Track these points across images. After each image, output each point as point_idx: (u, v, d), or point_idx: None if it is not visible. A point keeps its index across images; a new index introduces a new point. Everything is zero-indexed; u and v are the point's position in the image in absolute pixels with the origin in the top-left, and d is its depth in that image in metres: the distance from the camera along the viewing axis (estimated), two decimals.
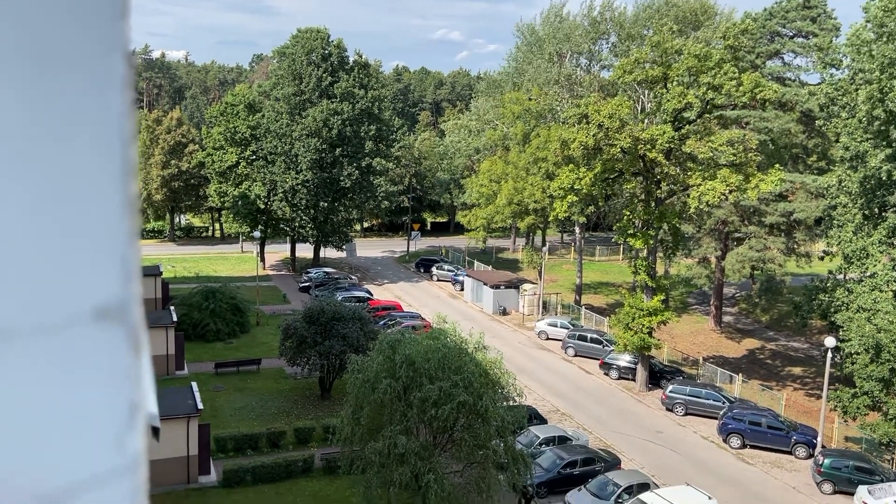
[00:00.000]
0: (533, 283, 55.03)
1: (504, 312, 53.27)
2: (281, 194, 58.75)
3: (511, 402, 24.37)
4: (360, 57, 61.57)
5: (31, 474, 0.71)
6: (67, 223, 0.72)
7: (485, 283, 54.45)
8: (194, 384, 29.88)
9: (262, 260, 63.22)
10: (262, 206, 60.90)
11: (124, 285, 0.75)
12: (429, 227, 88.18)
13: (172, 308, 40.67)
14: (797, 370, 44.92)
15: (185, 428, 27.19)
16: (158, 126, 72.33)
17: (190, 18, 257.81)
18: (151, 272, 45.52)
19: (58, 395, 0.73)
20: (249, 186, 60.59)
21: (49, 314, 0.71)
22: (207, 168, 65.05)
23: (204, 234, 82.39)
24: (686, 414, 36.53)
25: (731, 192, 34.88)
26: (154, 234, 78.56)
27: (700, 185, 34.89)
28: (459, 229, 78.57)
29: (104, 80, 0.73)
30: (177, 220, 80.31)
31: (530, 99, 56.40)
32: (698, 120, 36.55)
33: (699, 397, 36.67)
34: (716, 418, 35.09)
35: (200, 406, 27.86)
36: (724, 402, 35.98)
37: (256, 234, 58.78)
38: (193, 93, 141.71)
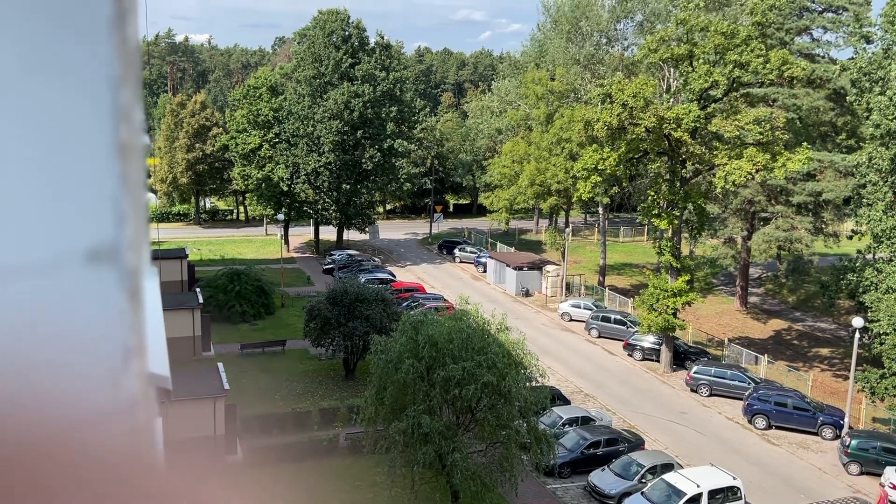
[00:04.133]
0: (556, 265, 54.86)
1: (527, 294, 53.20)
2: (304, 177, 58.97)
3: (534, 383, 24.39)
4: (382, 38, 61.36)
5: (29, 412, 0.72)
6: (57, 166, 0.73)
7: (507, 265, 54.39)
8: (220, 365, 30.24)
9: (287, 242, 63.61)
10: (286, 189, 61.18)
11: (116, 229, 0.76)
12: (451, 209, 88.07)
13: (198, 290, 41.08)
14: (824, 351, 44.45)
15: (212, 408, 27.55)
16: (182, 110, 72.77)
17: (213, 1, 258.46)
18: (177, 255, 45.92)
19: (52, 334, 0.74)
20: (273, 169, 60.86)
21: (41, 254, 0.72)
22: (231, 151, 65.42)
23: (229, 216, 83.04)
24: (711, 395, 36.34)
25: (757, 171, 34.42)
26: (180, 217, 79.33)
27: (726, 164, 34.46)
28: (482, 211, 78.44)
29: (90, 22, 0.73)
30: (202, 203, 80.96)
31: (552, 79, 55.92)
32: (724, 98, 36.03)
33: (724, 378, 36.45)
34: (741, 399, 34.87)
35: (227, 386, 28.19)
36: (749, 383, 35.73)
37: (280, 216, 59.10)
38: (217, 76, 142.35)
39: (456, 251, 63.68)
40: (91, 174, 0.75)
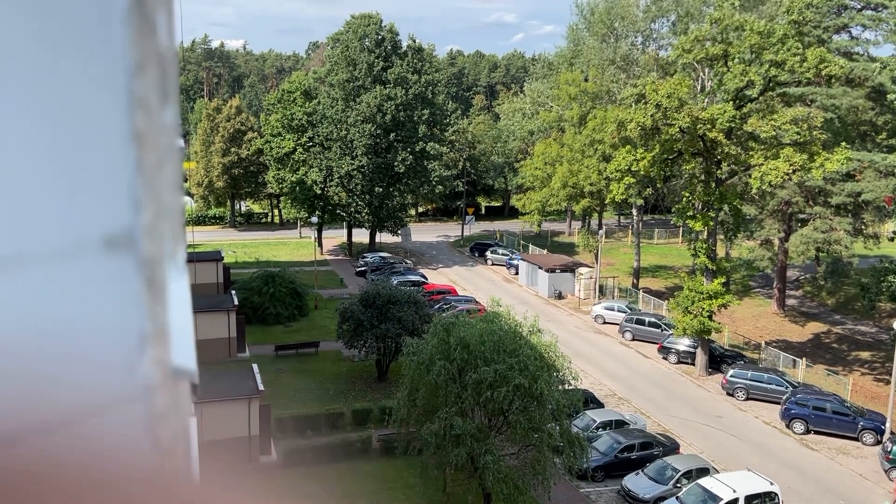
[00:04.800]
0: (589, 267, 54.52)
1: (560, 296, 52.95)
2: (337, 180, 59.43)
3: (566, 386, 24.26)
4: (414, 41, 61.61)
5: (44, 397, 0.72)
6: (71, 152, 0.73)
7: (540, 267, 54.19)
8: (255, 366, 30.62)
9: (320, 245, 64.15)
10: (319, 192, 61.71)
11: (133, 216, 0.76)
12: (483, 212, 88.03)
13: (234, 292, 41.65)
14: (865, 354, 43.50)
15: (247, 408, 27.91)
16: (218, 114, 73.82)
17: (249, 7, 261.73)
18: (213, 257, 46.63)
19: (68, 320, 0.74)
20: (306, 172, 61.43)
21: (58, 241, 0.72)
22: (266, 155, 66.20)
23: (263, 220, 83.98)
24: (747, 399, 35.80)
25: (794, 171, 33.84)
26: (216, 221, 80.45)
27: (762, 164, 33.96)
28: (514, 213, 78.24)
29: (105, 7, 0.72)
30: (237, 206, 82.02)
31: (586, 80, 55.62)
32: (760, 98, 35.50)
33: (761, 382, 35.88)
34: (778, 403, 34.30)
35: (261, 387, 28.53)
36: (787, 387, 35.13)
37: (314, 219, 59.62)
38: (251, 81, 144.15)
39: (488, 253, 63.63)
40: (106, 161, 0.75)
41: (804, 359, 39.70)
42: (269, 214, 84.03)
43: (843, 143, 35.44)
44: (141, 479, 0.75)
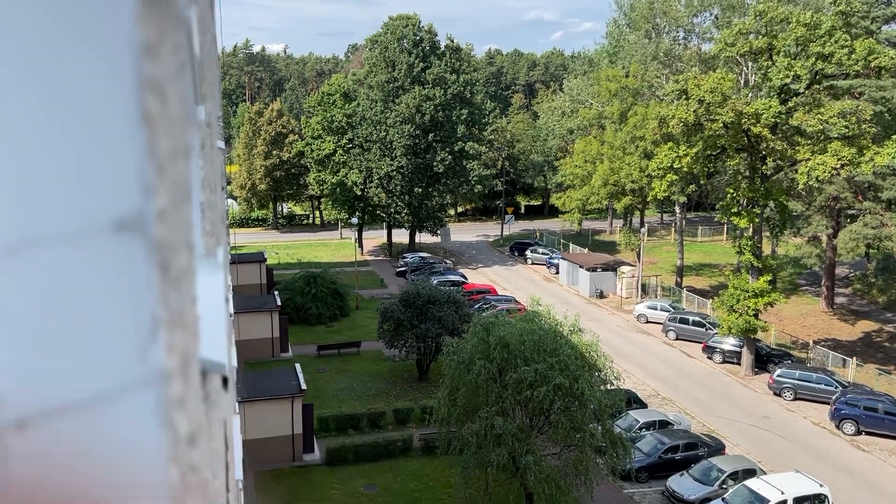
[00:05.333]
0: (631, 266, 53.91)
1: (601, 295, 52.46)
2: (377, 181, 59.76)
3: (608, 386, 24.02)
4: (452, 41, 61.63)
5: (58, 381, 0.71)
6: (79, 135, 0.71)
7: (581, 266, 53.75)
8: (298, 365, 30.97)
9: (360, 246, 64.58)
10: (359, 193, 62.15)
11: (143, 199, 0.75)
12: (522, 211, 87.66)
13: (276, 293, 42.17)
14: None
15: (290, 407, 28.24)
16: (260, 118, 74.80)
17: (290, 11, 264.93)
18: (256, 259, 47.38)
19: (80, 303, 0.73)
20: (346, 174, 61.91)
21: (67, 224, 0.71)
22: (307, 157, 66.89)
23: (305, 221, 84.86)
24: (795, 399, 35.03)
25: (843, 166, 33.02)
26: (259, 223, 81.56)
27: (809, 159, 33.19)
28: (554, 212, 77.75)
29: None
30: (279, 208, 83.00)
31: (627, 76, 55.01)
32: (806, 91, 34.70)
33: (809, 381, 35.07)
34: (827, 403, 33.49)
35: (304, 387, 28.85)
36: (836, 387, 34.28)
37: (354, 220, 60.04)
38: (292, 84, 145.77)
39: (528, 253, 63.35)
40: (112, 143, 0.73)
41: (854, 358, 38.69)
42: (311, 216, 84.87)
43: (894, 137, 34.43)
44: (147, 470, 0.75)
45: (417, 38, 60.02)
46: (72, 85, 0.70)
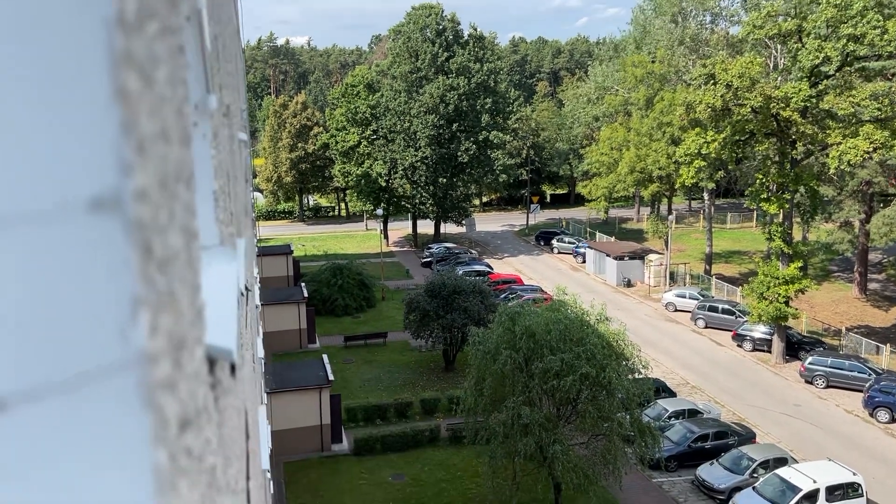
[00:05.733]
0: (659, 254, 53.42)
1: (629, 284, 52.07)
2: (401, 172, 59.79)
3: (636, 375, 23.84)
4: (475, 30, 61.34)
5: (38, 362, 0.70)
6: (52, 112, 0.69)
7: (608, 255, 53.37)
8: (325, 356, 31.17)
9: (386, 237, 64.75)
10: (384, 184, 62.24)
11: (120, 178, 0.73)
12: (548, 200, 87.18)
13: (303, 284, 42.45)
14: None
15: (318, 398, 28.45)
16: (285, 111, 75.16)
17: (313, 3, 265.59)
18: (283, 251, 47.71)
19: (57, 282, 0.71)
20: (371, 165, 62.03)
21: (42, 202, 0.70)
22: (331, 149, 67.12)
23: (331, 213, 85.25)
24: (827, 387, 34.52)
25: (875, 149, 32.36)
26: (285, 215, 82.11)
27: (840, 143, 32.57)
28: (580, 200, 77.29)
29: None
30: (305, 200, 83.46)
31: (653, 61, 54.35)
32: (837, 74, 34.01)
33: (842, 369, 34.53)
34: (861, 391, 32.97)
35: (332, 377, 29.03)
36: (870, 374, 33.72)
37: (379, 211, 60.20)
38: (316, 77, 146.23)
39: (554, 242, 63.02)
40: (87, 120, 0.71)
41: (888, 345, 38.00)
42: (337, 208, 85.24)
43: None
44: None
45: (440, 27, 59.81)
46: (42, 56, 0.67)
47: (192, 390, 0.95)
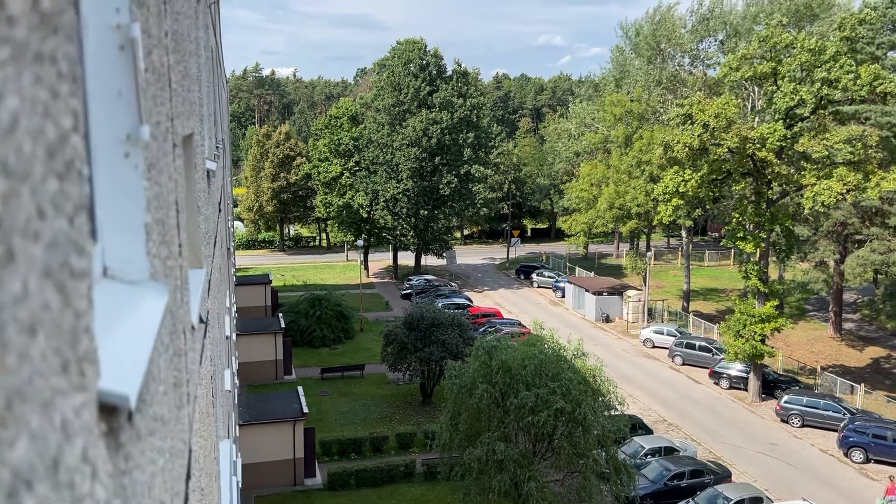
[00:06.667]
0: (637, 290, 53.67)
1: (607, 319, 52.19)
2: (382, 203, 59.89)
3: (613, 411, 23.77)
4: (459, 66, 62.05)
5: None
6: None
7: (587, 290, 53.55)
8: (300, 388, 30.81)
9: (366, 268, 64.58)
10: (365, 216, 62.27)
11: None
12: (529, 234, 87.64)
13: (281, 315, 42.12)
14: None
15: (292, 431, 28.05)
16: (268, 140, 75.26)
17: (299, 35, 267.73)
18: (261, 280, 47.40)
19: None
20: (353, 196, 62.09)
21: None
22: (314, 179, 67.15)
23: (312, 243, 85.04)
24: (803, 426, 34.60)
25: (848, 191, 32.86)
26: (265, 244, 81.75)
27: (815, 184, 33.08)
28: (560, 235, 77.72)
29: None
30: (286, 230, 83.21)
31: (632, 100, 55.17)
32: (812, 116, 34.67)
33: (817, 408, 34.65)
34: (836, 430, 33.06)
35: (306, 410, 28.67)
36: (844, 414, 33.86)
37: (359, 242, 60.20)
38: (301, 107, 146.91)
39: (534, 276, 63.18)
40: None
41: (863, 384, 38.24)
42: (318, 238, 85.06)
43: None
44: None
45: (424, 62, 60.44)
46: None
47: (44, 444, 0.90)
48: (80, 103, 1.16)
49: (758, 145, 33.82)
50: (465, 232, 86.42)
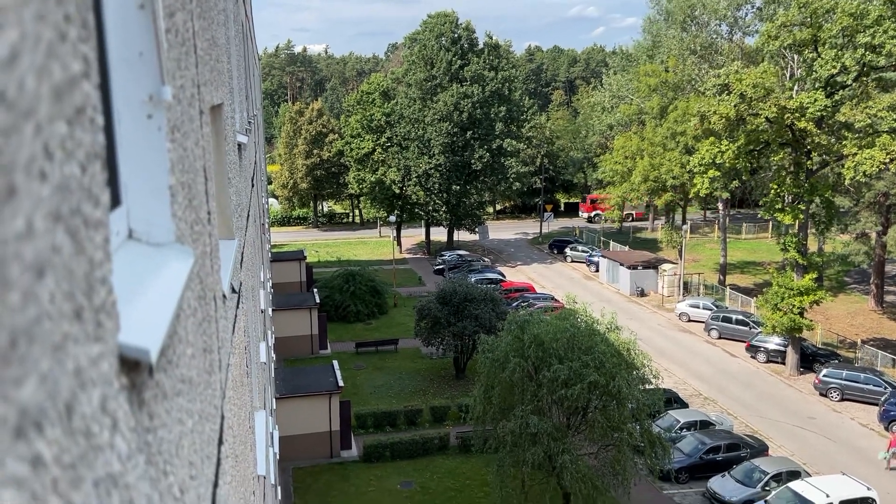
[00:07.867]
0: (673, 263, 53.08)
1: (642, 294, 51.76)
2: (415, 179, 59.86)
3: (648, 385, 23.64)
4: (490, 38, 61.41)
5: None
6: None
7: (621, 264, 53.10)
8: (335, 362, 31.16)
9: (399, 244, 64.79)
10: (398, 192, 62.32)
11: None
12: (562, 208, 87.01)
13: (315, 290, 42.52)
14: None
15: (328, 404, 28.42)
16: (301, 117, 75.47)
17: (331, 12, 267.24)
18: (296, 256, 47.86)
19: None
20: (385, 172, 62.14)
21: None
22: (346, 156, 67.31)
23: (345, 220, 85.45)
24: (842, 399, 34.09)
25: (892, 160, 31.97)
26: (300, 221, 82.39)
27: (856, 154, 32.22)
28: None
29: None
30: (320, 207, 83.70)
31: (667, 70, 54.15)
32: (854, 84, 33.69)
33: (857, 382, 34.10)
34: (876, 405, 32.53)
35: (342, 383, 29.01)
36: (885, 388, 33.27)
37: (392, 218, 60.30)
38: (333, 84, 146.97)
39: (567, 250, 62.78)
40: None
41: None
42: (351, 214, 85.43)
43: None
44: None
45: (456, 35, 59.93)
46: None
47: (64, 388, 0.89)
48: (92, 51, 1.15)
49: (797, 115, 33.02)
50: (498, 207, 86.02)
